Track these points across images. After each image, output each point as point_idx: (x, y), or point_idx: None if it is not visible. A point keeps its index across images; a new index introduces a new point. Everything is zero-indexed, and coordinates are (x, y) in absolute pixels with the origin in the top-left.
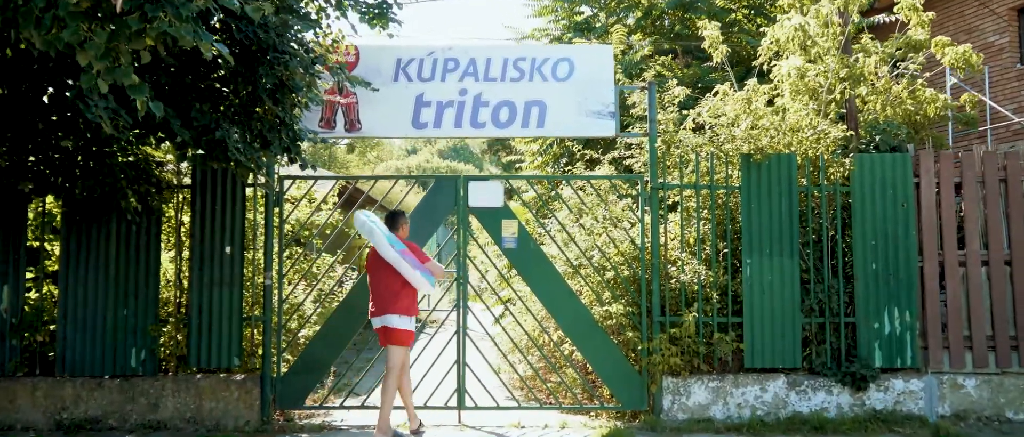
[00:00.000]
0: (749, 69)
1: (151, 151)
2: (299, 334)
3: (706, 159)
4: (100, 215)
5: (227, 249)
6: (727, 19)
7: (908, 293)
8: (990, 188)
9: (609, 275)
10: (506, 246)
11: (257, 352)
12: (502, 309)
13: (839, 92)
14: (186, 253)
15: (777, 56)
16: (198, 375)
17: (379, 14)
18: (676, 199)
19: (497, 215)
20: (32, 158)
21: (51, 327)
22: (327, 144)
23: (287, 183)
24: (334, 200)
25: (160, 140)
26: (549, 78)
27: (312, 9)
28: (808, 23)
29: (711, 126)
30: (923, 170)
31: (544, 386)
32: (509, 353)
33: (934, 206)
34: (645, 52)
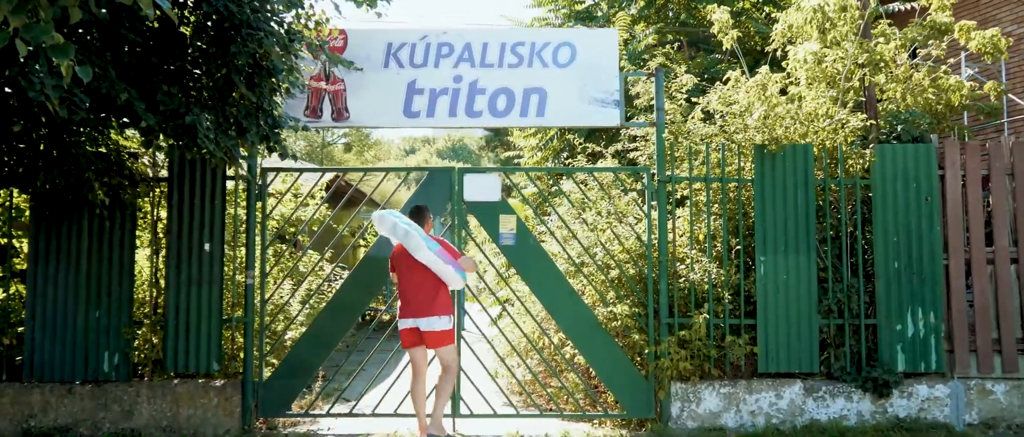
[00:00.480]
0: (757, 61)
1: (124, 141)
2: (284, 336)
3: (717, 150)
4: (71, 210)
5: (206, 246)
6: (735, 7)
7: (932, 292)
8: (1020, 181)
9: (613, 274)
10: (504, 243)
11: (238, 356)
12: (499, 310)
13: (858, 79)
14: (163, 250)
15: (790, 43)
16: (175, 380)
17: None
18: (685, 193)
19: (494, 210)
20: None
21: (19, 329)
22: (318, 135)
23: (270, 176)
24: (321, 194)
25: (123, 126)
26: (550, 64)
27: None
28: (827, 3)
29: (722, 115)
30: (948, 162)
31: (544, 392)
32: (507, 357)
33: (960, 200)
34: (649, 41)
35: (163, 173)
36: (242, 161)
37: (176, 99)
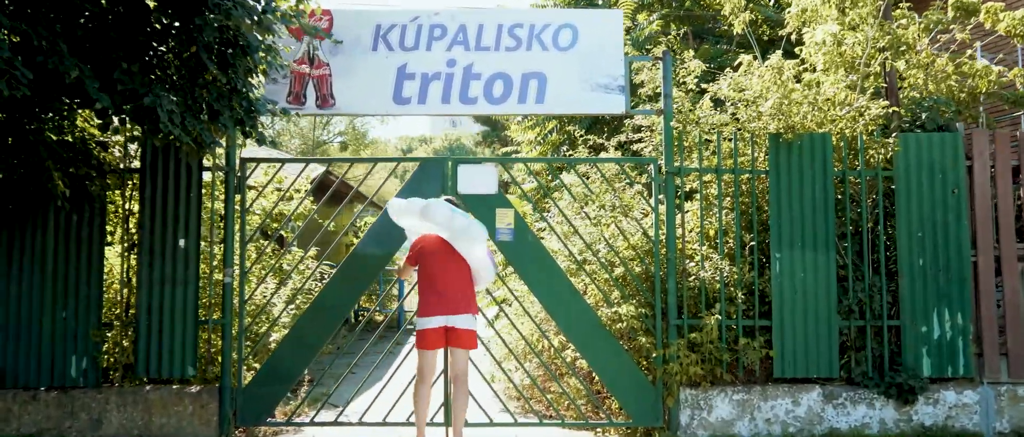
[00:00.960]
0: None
1: (93, 129)
2: (266, 339)
3: (728, 139)
4: (34, 203)
5: (181, 242)
6: None
7: (960, 292)
8: None
9: (618, 272)
10: (500, 239)
11: (216, 360)
12: (496, 311)
13: (879, 64)
14: (135, 247)
15: (806, 25)
16: (147, 387)
17: None
18: (694, 185)
19: (490, 203)
20: None
21: None
22: (312, 132)
23: (250, 167)
24: (305, 186)
25: (74, 107)
26: (550, 47)
27: None
28: None
29: (735, 103)
30: (976, 152)
31: (543, 398)
32: (504, 361)
33: (989, 192)
34: (653, 28)
35: (135, 164)
36: (220, 151)
37: (136, 78)
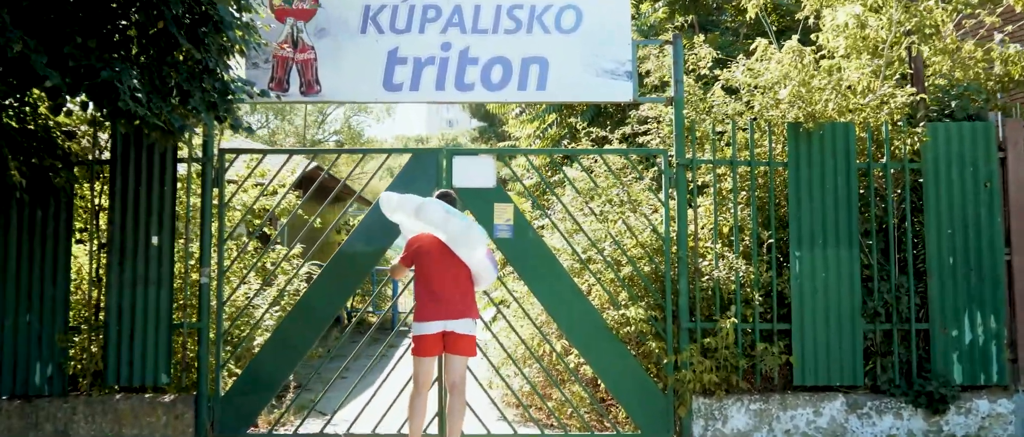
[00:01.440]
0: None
1: (58, 117)
2: (247, 344)
3: (744, 129)
4: None
5: (154, 239)
6: None
7: (993, 293)
8: None
9: (625, 271)
10: (499, 235)
11: (192, 367)
12: (493, 312)
13: (904, 48)
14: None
15: (826, 7)
16: (118, 395)
17: None
18: (707, 179)
19: (488, 197)
20: None
21: None
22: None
23: (229, 158)
24: (288, 178)
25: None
26: (552, 29)
27: None
28: None
29: (751, 89)
30: (1010, 142)
31: (544, 406)
32: (501, 366)
33: None
34: (659, 16)
35: (106, 156)
36: (198, 142)
37: (91, 53)
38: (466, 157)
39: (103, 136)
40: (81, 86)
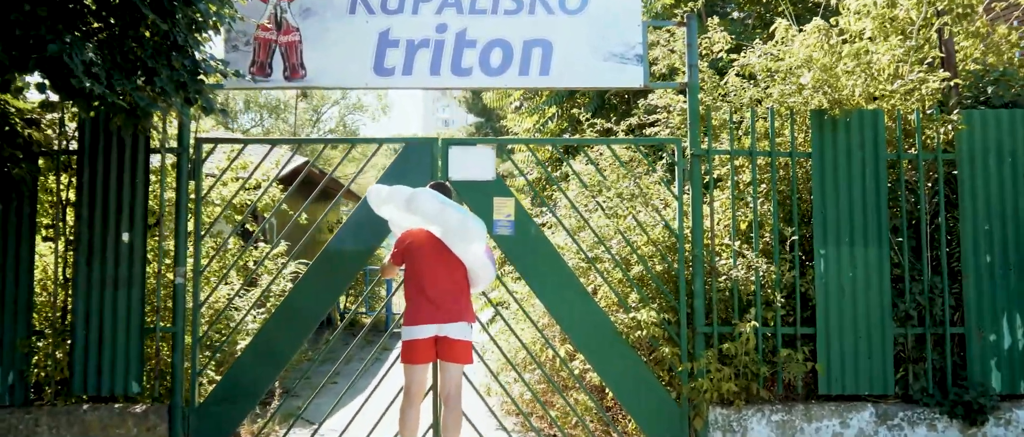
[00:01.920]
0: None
1: (17, 102)
2: (226, 350)
3: (763, 117)
4: None
5: (125, 236)
6: None
7: None
8: None
9: (635, 271)
10: (499, 232)
11: (167, 374)
12: (491, 313)
13: (934, 30)
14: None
15: None
16: (85, 405)
17: None
18: (724, 171)
19: (487, 191)
20: None
21: None
22: (273, 103)
23: (207, 148)
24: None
25: None
26: (556, 10)
27: None
28: None
29: (772, 74)
30: None
31: (546, 414)
32: (500, 372)
33: None
34: (666, 1)
35: (73, 146)
36: (172, 130)
37: (43, 24)
38: (463, 147)
39: (72, 125)
40: (29, 60)
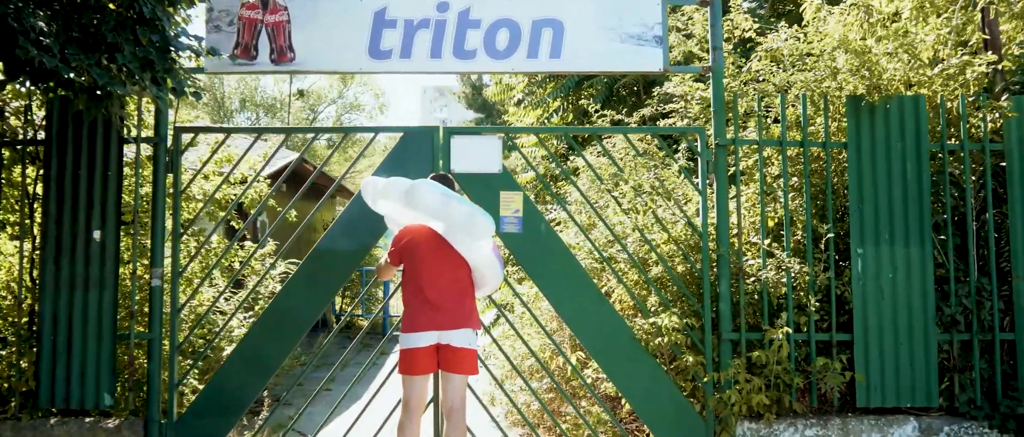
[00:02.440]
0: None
1: None
2: (216, 354)
3: (795, 104)
4: None
5: (96, 234)
6: None
7: None
8: None
9: (655, 272)
10: (506, 229)
11: (142, 385)
12: (494, 315)
13: (979, 10)
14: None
15: None
16: (52, 420)
17: None
18: (749, 163)
19: (493, 184)
20: None
21: None
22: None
23: (186, 138)
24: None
25: None
26: None
27: None
28: None
29: (803, 56)
30: None
31: (555, 425)
32: (505, 379)
33: None
34: None
35: (41, 135)
36: (148, 116)
37: None
38: (467, 137)
39: (40, 114)
40: None
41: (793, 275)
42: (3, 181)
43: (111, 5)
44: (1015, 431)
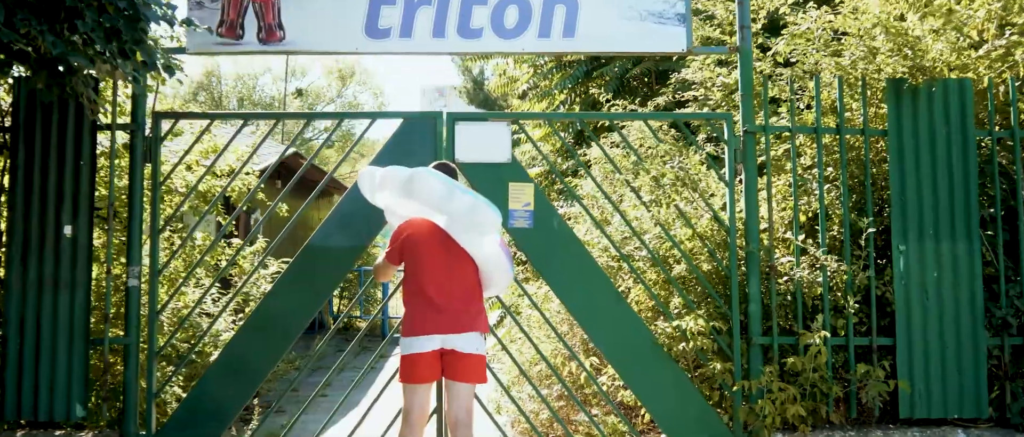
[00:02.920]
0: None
1: None
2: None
3: (830, 85)
4: None
5: (67, 230)
6: None
7: None
8: None
9: (677, 270)
10: (515, 224)
11: (118, 394)
12: (498, 315)
13: None
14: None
15: None
16: (19, 433)
17: None
18: (778, 152)
19: (501, 175)
20: None
21: None
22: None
23: (166, 124)
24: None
25: None
26: None
27: None
28: None
29: (838, 35)
30: None
31: (567, 434)
32: (513, 385)
33: None
34: None
35: (7, 122)
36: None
37: None
38: (473, 123)
39: (7, 100)
40: None
41: (829, 274)
42: None
43: None
44: None
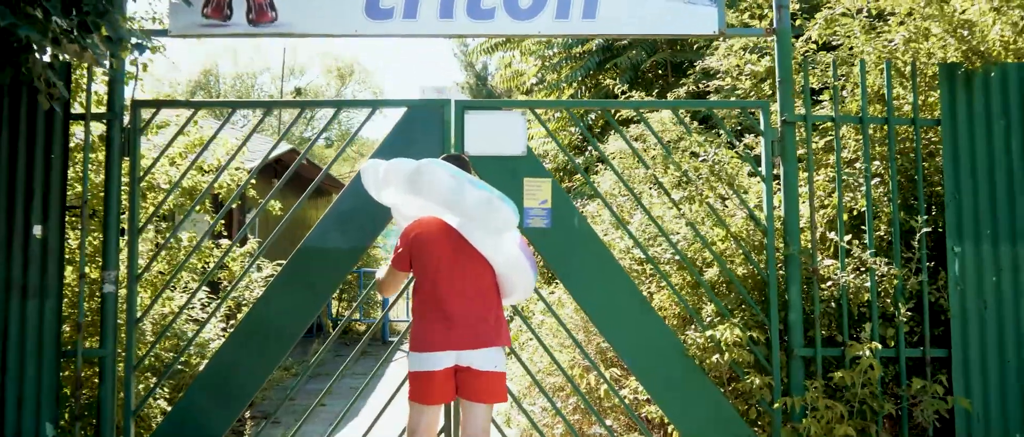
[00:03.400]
0: None
1: None
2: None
3: (877, 71)
4: None
5: (36, 230)
6: None
7: None
8: None
9: (708, 274)
10: (531, 223)
11: (93, 411)
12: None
13: None
14: None
15: None
16: None
17: None
18: (819, 145)
19: (516, 169)
20: None
21: None
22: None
23: (146, 113)
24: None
25: None
26: None
27: None
28: None
29: (884, 16)
30: None
31: None
32: (524, 396)
33: None
34: None
35: None
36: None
37: None
38: (484, 112)
39: None
40: None
41: (877, 278)
42: None
43: None
44: None
